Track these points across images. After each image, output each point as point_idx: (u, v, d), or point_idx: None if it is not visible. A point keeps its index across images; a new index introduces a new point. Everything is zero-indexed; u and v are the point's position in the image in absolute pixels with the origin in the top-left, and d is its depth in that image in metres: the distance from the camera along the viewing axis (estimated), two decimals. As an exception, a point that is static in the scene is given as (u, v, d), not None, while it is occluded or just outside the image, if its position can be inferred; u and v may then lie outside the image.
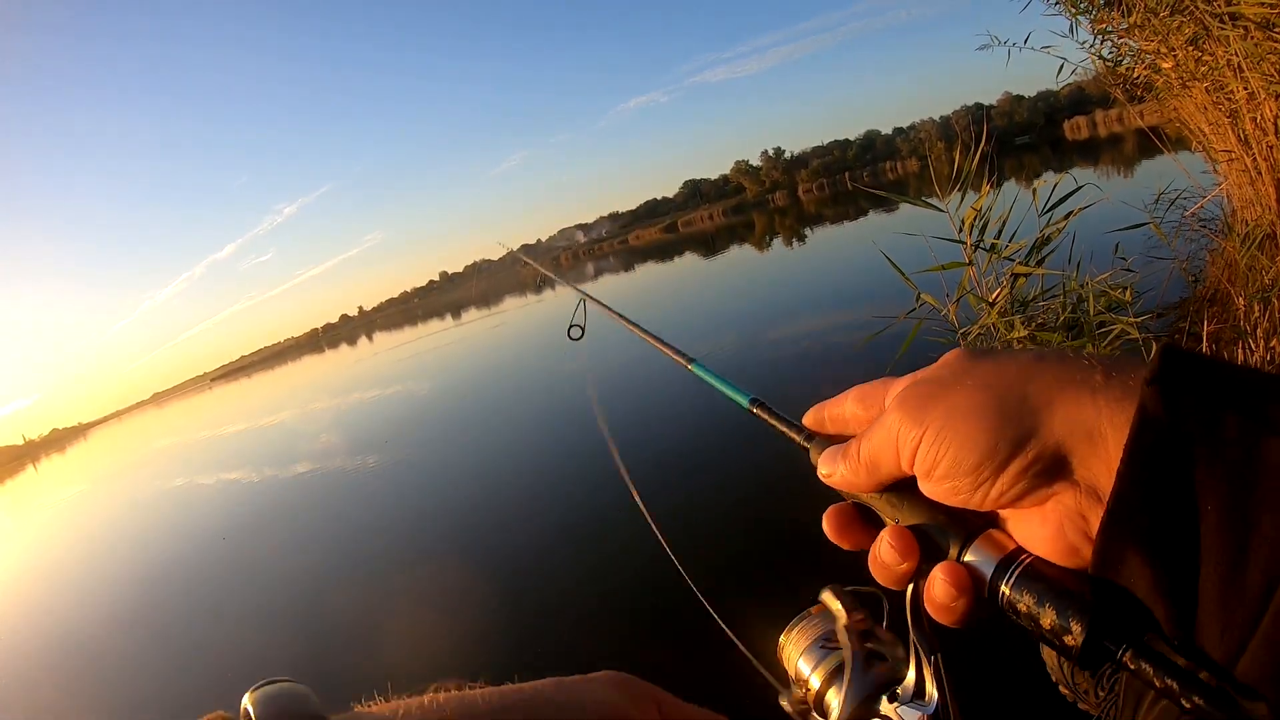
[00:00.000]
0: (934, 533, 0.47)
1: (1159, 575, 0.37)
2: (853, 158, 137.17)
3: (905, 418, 0.46)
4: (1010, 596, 0.42)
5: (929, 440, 0.44)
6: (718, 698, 0.56)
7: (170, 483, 17.36)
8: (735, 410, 0.67)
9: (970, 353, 0.48)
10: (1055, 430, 0.41)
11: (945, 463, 0.44)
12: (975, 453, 0.42)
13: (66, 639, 7.67)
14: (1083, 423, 0.40)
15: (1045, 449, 0.41)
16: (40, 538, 17.87)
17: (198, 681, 5.39)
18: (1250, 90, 4.39)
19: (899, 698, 0.50)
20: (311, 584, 6.80)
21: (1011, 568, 0.42)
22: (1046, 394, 0.42)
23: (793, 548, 2.96)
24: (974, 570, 0.44)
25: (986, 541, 0.44)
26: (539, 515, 6.42)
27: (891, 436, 0.46)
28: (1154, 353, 0.39)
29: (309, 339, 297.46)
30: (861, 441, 0.49)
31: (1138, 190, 5.78)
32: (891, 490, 0.49)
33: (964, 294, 3.79)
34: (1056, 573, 0.42)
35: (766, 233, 41.82)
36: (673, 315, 16.93)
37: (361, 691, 0.53)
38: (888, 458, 0.47)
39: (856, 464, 0.50)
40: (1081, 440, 0.40)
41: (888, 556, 0.47)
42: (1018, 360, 0.45)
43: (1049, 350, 0.45)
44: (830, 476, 0.52)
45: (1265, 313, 3.84)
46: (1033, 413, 0.41)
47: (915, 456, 0.45)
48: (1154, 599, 0.37)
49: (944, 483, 0.44)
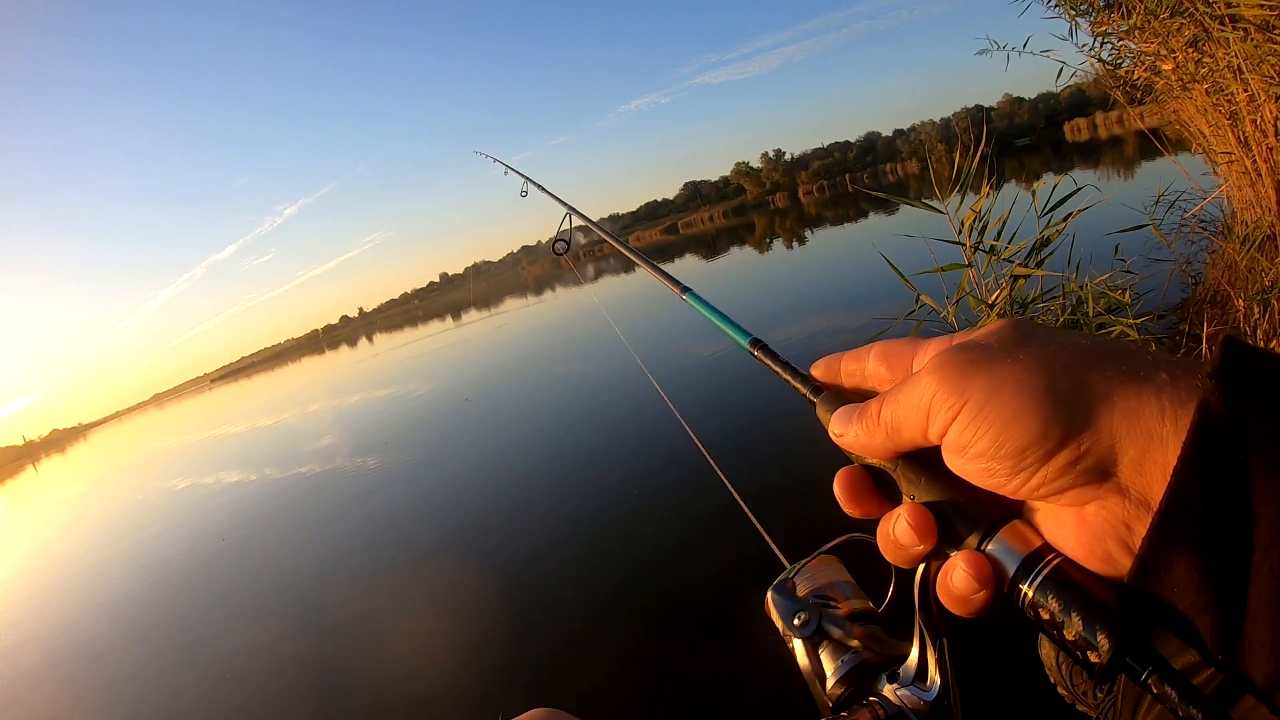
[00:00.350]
0: (954, 515, 0.43)
1: (1207, 584, 0.34)
2: (853, 159, 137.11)
3: (943, 385, 0.41)
4: (1033, 599, 0.39)
5: (968, 414, 0.40)
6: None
7: (170, 483, 17.35)
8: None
9: (1023, 325, 0.43)
10: (1114, 426, 0.37)
11: (983, 442, 0.39)
12: (1021, 436, 0.38)
13: (66, 639, 7.66)
14: (1144, 423, 0.36)
15: (1099, 444, 0.37)
16: (40, 538, 17.85)
17: (197, 682, 5.39)
18: (1250, 92, 4.39)
19: (899, 679, 0.49)
20: (311, 583, 6.80)
21: (1037, 567, 0.39)
22: (1107, 385, 0.37)
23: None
24: (995, 562, 0.40)
25: (1011, 533, 0.41)
26: (549, 506, 6.42)
27: (923, 403, 0.42)
28: (1217, 344, 0.36)
29: (309, 340, 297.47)
30: (885, 402, 0.45)
31: (1137, 192, 5.78)
32: (911, 459, 0.45)
33: (963, 295, 3.78)
34: (1085, 578, 0.38)
35: (767, 234, 41.83)
36: (671, 315, 16.93)
37: (362, 692, 0.52)
38: (914, 425, 0.43)
39: (875, 426, 0.45)
40: (1140, 442, 0.36)
41: (904, 536, 0.43)
42: (1077, 343, 0.40)
43: (1110, 339, 0.42)
44: (843, 436, 0.48)
45: (1265, 314, 3.84)
46: (1090, 403, 0.37)
47: (948, 430, 0.41)
48: (1198, 610, 0.34)
49: (978, 462, 0.40)
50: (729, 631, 3.64)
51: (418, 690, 4.20)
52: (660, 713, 3.36)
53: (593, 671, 3.84)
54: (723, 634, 3.66)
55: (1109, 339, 0.42)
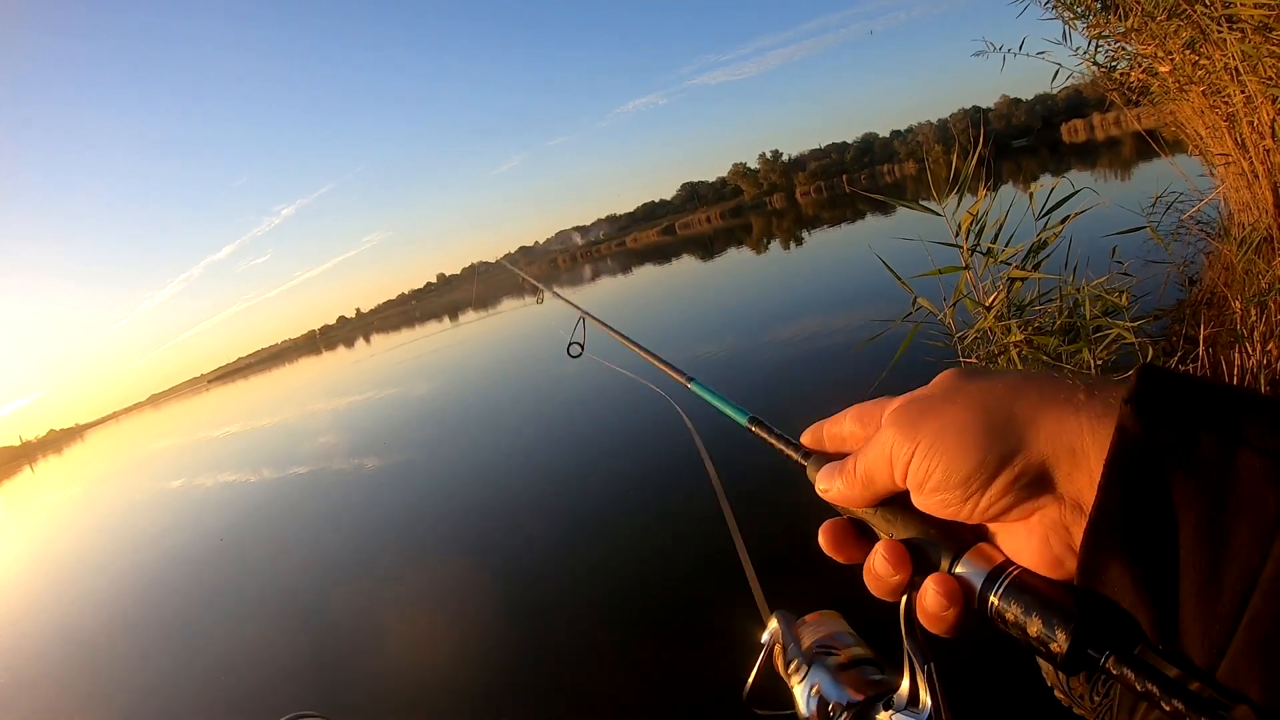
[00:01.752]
0: (926, 546, 0.48)
1: (1141, 584, 0.38)
2: (850, 160, 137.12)
3: (899, 433, 0.48)
4: (998, 606, 0.43)
5: (921, 454, 0.46)
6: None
7: (167, 484, 17.35)
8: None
9: (961, 373, 0.49)
10: (1040, 445, 0.43)
11: (936, 476, 0.45)
12: (965, 466, 0.44)
13: (63, 639, 7.66)
14: (1066, 438, 0.42)
15: (1031, 463, 0.43)
16: (37, 539, 17.83)
17: (194, 682, 5.38)
18: (1247, 94, 4.39)
19: (894, 705, 0.52)
20: (308, 583, 6.79)
21: (1000, 579, 0.44)
22: (1031, 411, 0.43)
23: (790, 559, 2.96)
24: (964, 581, 0.45)
25: (976, 554, 0.46)
26: (548, 506, 6.42)
27: (886, 451, 0.48)
28: (1133, 372, 0.41)
29: (306, 341, 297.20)
30: (858, 457, 0.51)
31: (1135, 194, 5.78)
32: (885, 505, 0.51)
33: (960, 298, 3.77)
34: (1042, 584, 0.43)
35: (764, 235, 41.88)
36: (671, 319, 16.95)
37: (358, 691, 0.52)
38: (882, 472, 0.49)
39: (853, 479, 0.51)
40: (1065, 455, 0.42)
41: (881, 569, 0.49)
42: (1005, 380, 0.47)
43: (1035, 371, 0.48)
44: (828, 491, 0.54)
45: (1262, 316, 3.84)
46: (1019, 429, 0.43)
47: (908, 470, 0.47)
48: (1137, 607, 0.39)
49: (935, 495, 0.46)
50: (723, 640, 3.64)
51: (415, 689, 4.20)
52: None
53: (585, 675, 3.83)
54: (717, 642, 3.66)
55: (1034, 372, 0.47)
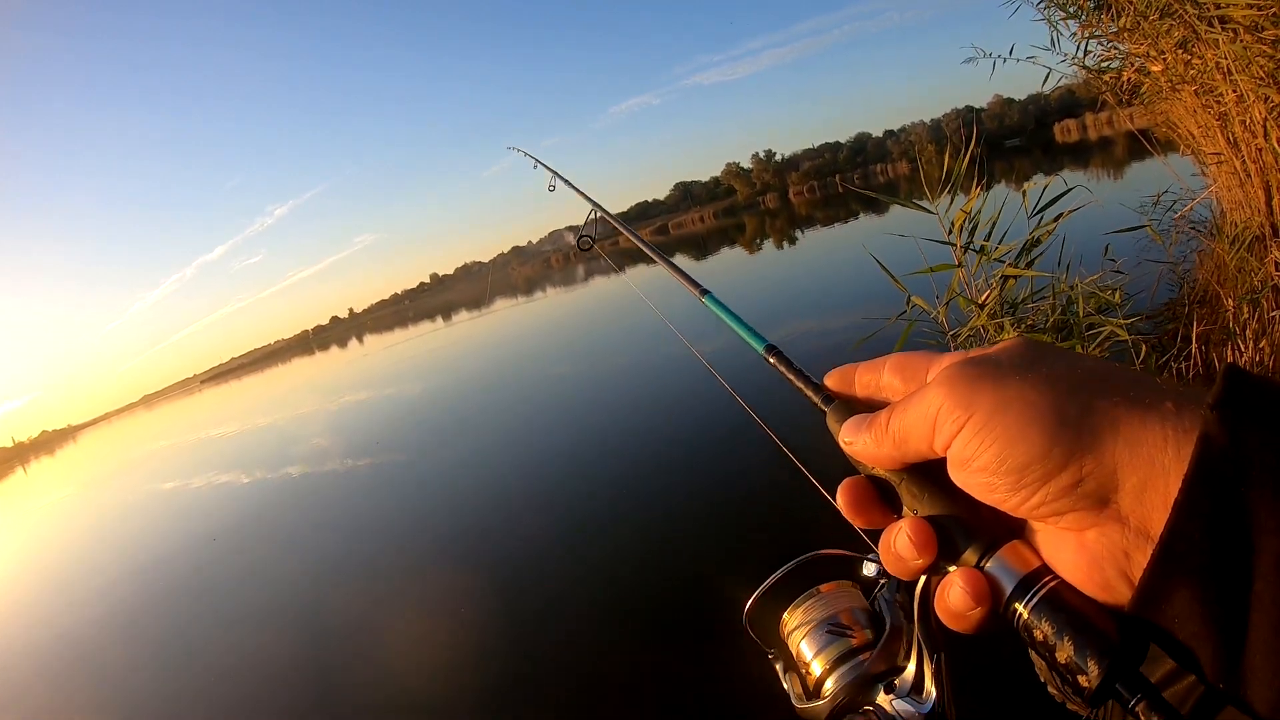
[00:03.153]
0: (955, 531, 0.43)
1: (1209, 613, 0.34)
2: (844, 160, 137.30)
3: (951, 396, 0.41)
4: (1027, 620, 0.39)
5: (973, 427, 0.40)
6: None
7: (160, 485, 17.27)
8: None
9: (1036, 345, 0.43)
10: (1117, 451, 0.37)
11: (986, 456, 0.39)
12: (1023, 453, 0.38)
13: (57, 642, 7.61)
14: (1147, 451, 0.36)
15: (1101, 468, 0.37)
16: (29, 541, 17.73)
17: (188, 683, 5.35)
18: (1239, 93, 4.41)
19: (895, 690, 0.49)
20: (303, 584, 6.77)
21: (1034, 589, 0.39)
22: (1113, 411, 0.37)
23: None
24: (992, 580, 0.41)
25: (1011, 553, 0.41)
26: (547, 503, 6.41)
27: (930, 414, 0.42)
28: (1219, 375, 0.36)
29: (299, 341, 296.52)
30: (894, 413, 0.45)
31: (1127, 193, 5.81)
32: (916, 471, 0.45)
33: (954, 296, 3.79)
34: (1081, 603, 0.38)
35: (757, 235, 41.89)
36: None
37: (354, 691, 0.51)
38: (920, 436, 0.43)
39: (883, 435, 0.45)
40: (1141, 469, 0.36)
41: (904, 549, 0.44)
42: (1087, 367, 0.41)
43: (1118, 365, 0.42)
44: (852, 445, 0.48)
45: (1254, 314, 3.85)
46: (1095, 428, 0.37)
47: (953, 442, 0.41)
48: (1200, 640, 0.34)
49: (980, 476, 0.40)
50: (726, 637, 3.64)
51: (412, 689, 4.18)
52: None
53: (591, 676, 3.83)
54: (719, 639, 3.66)
55: (1118, 365, 0.41)
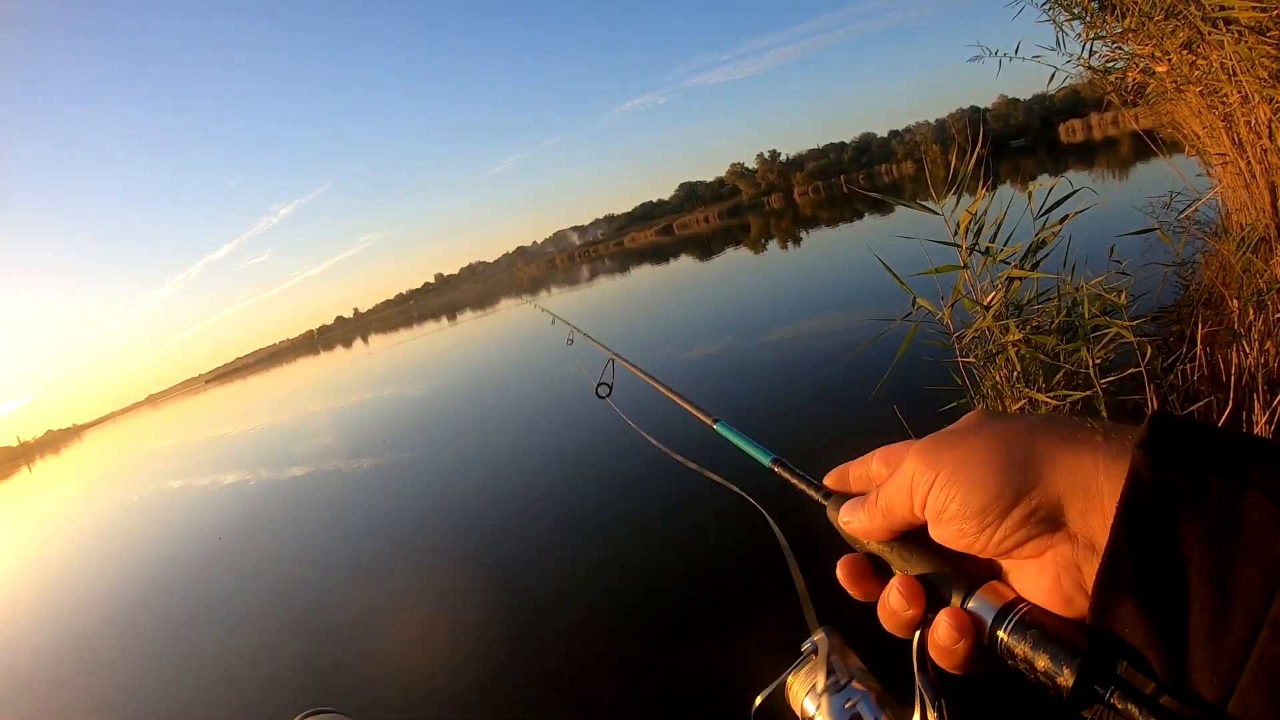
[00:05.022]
0: (939, 582, 0.50)
1: (1151, 624, 0.39)
2: (848, 160, 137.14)
3: (921, 463, 0.50)
4: (1007, 642, 0.45)
5: (941, 483, 0.48)
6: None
7: (165, 484, 17.32)
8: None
9: (987, 412, 0.52)
10: (1057, 482, 0.44)
11: (954, 505, 0.47)
12: (982, 496, 0.46)
13: (63, 638, 7.64)
14: (1081, 476, 0.44)
15: (1047, 498, 0.44)
16: (35, 539, 17.78)
17: (194, 681, 5.37)
18: (1244, 94, 4.40)
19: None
20: (309, 582, 6.78)
21: (1010, 615, 0.45)
22: (1050, 449, 0.45)
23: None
24: (975, 617, 0.47)
25: (989, 591, 0.47)
26: (551, 506, 6.41)
27: (908, 481, 0.50)
28: (1146, 419, 0.42)
29: (304, 340, 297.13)
30: (880, 490, 0.53)
31: (1133, 194, 5.80)
32: (903, 540, 0.53)
33: (959, 298, 3.78)
34: (1052, 621, 0.44)
35: (762, 235, 41.85)
36: (669, 321, 16.95)
37: (359, 690, 0.52)
38: (903, 502, 0.51)
39: (874, 510, 0.53)
40: (1079, 493, 0.44)
41: (895, 603, 0.51)
42: (1028, 420, 0.49)
43: (1057, 415, 0.50)
44: (849, 523, 0.56)
45: (1260, 315, 3.84)
46: (1037, 464, 0.45)
47: (928, 499, 0.49)
48: (1148, 646, 0.40)
49: (952, 524, 0.48)
50: (728, 637, 3.64)
51: (416, 686, 4.19)
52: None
53: (587, 677, 3.83)
54: (720, 639, 3.66)
55: (1056, 415, 0.52)
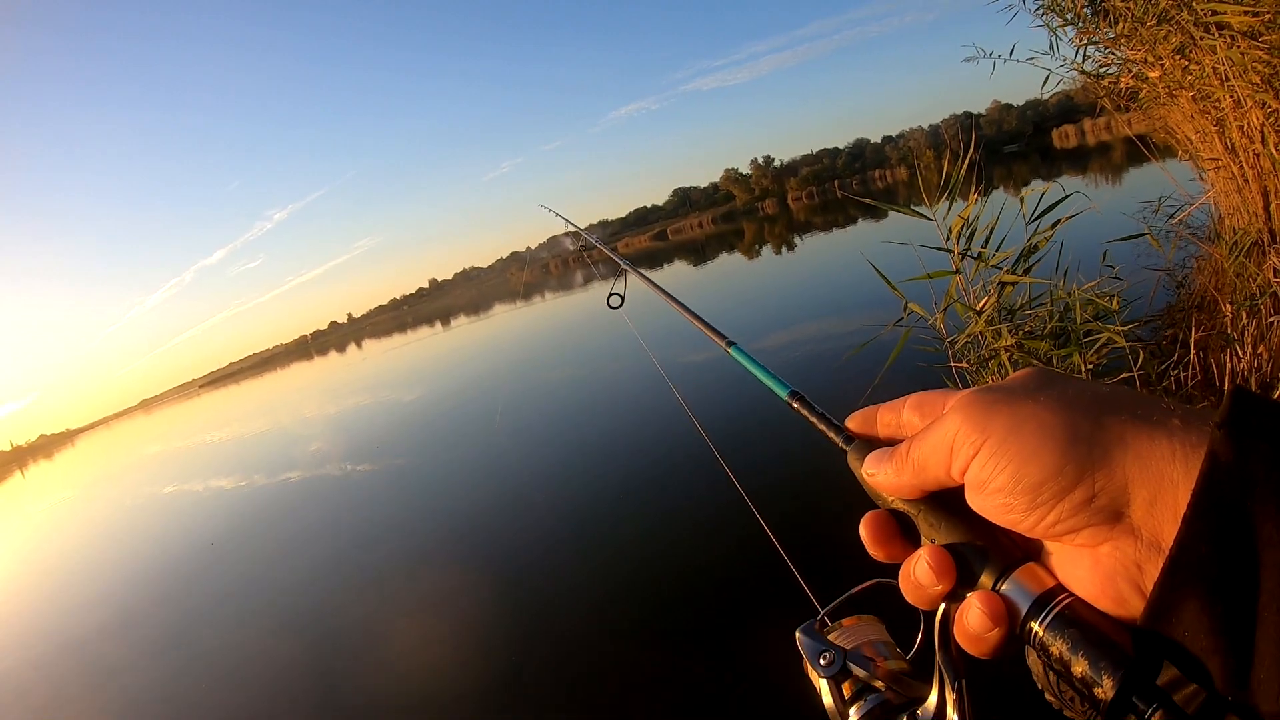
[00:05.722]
0: (972, 556, 0.44)
1: (1218, 628, 0.35)
2: (842, 166, 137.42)
3: (967, 422, 0.42)
4: (1043, 637, 0.40)
5: (989, 450, 0.41)
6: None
7: (158, 489, 17.24)
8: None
9: (1047, 371, 0.45)
10: (1127, 467, 0.38)
11: (1003, 477, 0.41)
12: (1038, 471, 0.39)
13: (56, 645, 7.60)
14: (1156, 465, 0.37)
15: (1113, 483, 0.38)
16: (28, 544, 17.69)
17: (187, 687, 5.33)
18: (1236, 98, 4.41)
19: (918, 719, 0.49)
20: (302, 588, 6.75)
21: (1049, 607, 0.40)
22: (1122, 427, 0.39)
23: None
24: (1008, 602, 0.42)
25: (1026, 574, 0.42)
26: (556, 511, 6.39)
27: (947, 440, 0.43)
28: (1226, 395, 0.37)
29: (298, 346, 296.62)
30: (914, 442, 0.46)
31: (1126, 199, 5.81)
32: (934, 500, 0.47)
33: (951, 303, 3.78)
34: (1095, 618, 0.39)
35: (756, 241, 41.94)
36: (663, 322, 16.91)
37: (355, 694, 0.49)
38: (939, 462, 0.44)
39: (904, 464, 0.47)
40: (1151, 483, 0.37)
41: (924, 576, 0.45)
42: (1095, 389, 0.42)
43: (1125, 388, 0.43)
44: (874, 476, 0.49)
45: (1253, 320, 3.84)
46: (1105, 444, 0.39)
47: (970, 465, 0.42)
48: (1210, 653, 0.35)
49: (997, 497, 0.41)
50: (745, 648, 3.64)
51: (412, 691, 4.17)
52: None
53: (588, 677, 3.81)
54: (738, 649, 3.65)
55: (1126, 388, 0.42)
